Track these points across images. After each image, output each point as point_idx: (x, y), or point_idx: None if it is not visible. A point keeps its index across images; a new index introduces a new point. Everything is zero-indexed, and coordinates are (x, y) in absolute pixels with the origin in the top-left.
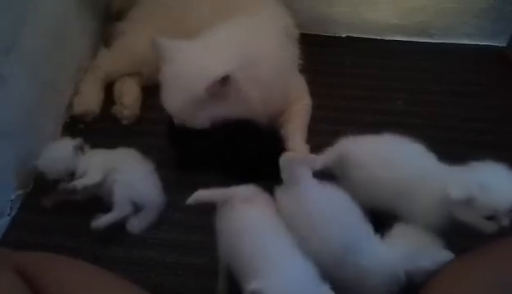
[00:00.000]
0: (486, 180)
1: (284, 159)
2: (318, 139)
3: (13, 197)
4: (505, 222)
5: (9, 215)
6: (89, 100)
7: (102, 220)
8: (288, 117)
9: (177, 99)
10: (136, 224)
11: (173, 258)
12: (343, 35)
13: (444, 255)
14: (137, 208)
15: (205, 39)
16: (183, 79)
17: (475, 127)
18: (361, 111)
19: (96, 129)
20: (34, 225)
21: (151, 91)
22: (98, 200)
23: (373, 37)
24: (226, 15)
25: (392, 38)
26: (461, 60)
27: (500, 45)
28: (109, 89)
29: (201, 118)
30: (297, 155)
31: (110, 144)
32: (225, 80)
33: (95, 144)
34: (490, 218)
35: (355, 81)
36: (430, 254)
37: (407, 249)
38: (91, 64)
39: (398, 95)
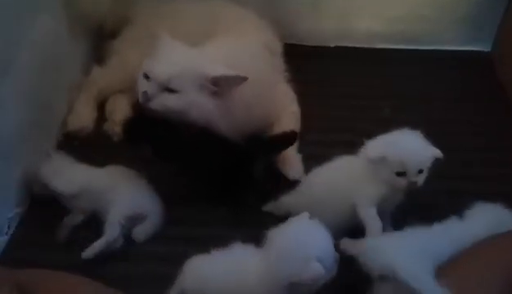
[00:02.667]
0: (397, 140)
1: None
2: (310, 148)
3: (11, 215)
4: (414, 179)
5: (7, 233)
6: (83, 118)
7: (92, 248)
8: (278, 128)
9: (176, 67)
10: (141, 232)
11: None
12: (331, 45)
13: None
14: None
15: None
16: (189, 60)
17: (463, 132)
18: (350, 119)
19: (91, 146)
20: (33, 243)
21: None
22: (97, 217)
23: (360, 46)
24: (213, 33)
25: (378, 47)
26: (447, 65)
27: (485, 50)
28: (103, 106)
29: (187, 97)
30: None
31: (105, 160)
32: (236, 80)
33: (90, 161)
34: (401, 174)
35: (343, 90)
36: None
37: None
38: (84, 81)
39: (386, 103)
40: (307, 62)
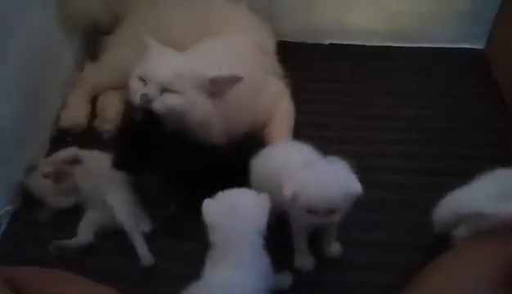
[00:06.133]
0: (309, 181)
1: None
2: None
3: (2, 212)
4: (324, 219)
5: None
6: (76, 114)
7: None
8: (272, 125)
9: (174, 69)
10: (148, 256)
11: (166, 267)
12: (326, 42)
13: None
14: None
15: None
16: (184, 62)
17: (458, 128)
18: (345, 116)
19: (85, 142)
20: (24, 240)
21: None
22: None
23: (355, 43)
24: (205, 31)
25: (373, 44)
26: (442, 62)
27: (479, 47)
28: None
29: (187, 98)
30: None
31: None
32: (232, 80)
33: None
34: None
35: (338, 86)
36: None
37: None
38: (77, 77)
39: (381, 100)
40: (301, 60)
